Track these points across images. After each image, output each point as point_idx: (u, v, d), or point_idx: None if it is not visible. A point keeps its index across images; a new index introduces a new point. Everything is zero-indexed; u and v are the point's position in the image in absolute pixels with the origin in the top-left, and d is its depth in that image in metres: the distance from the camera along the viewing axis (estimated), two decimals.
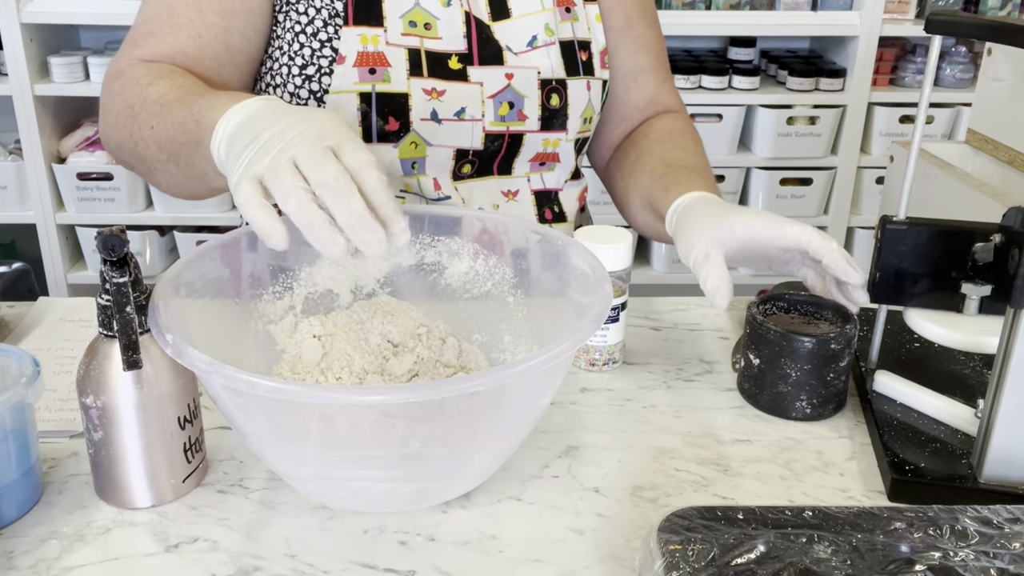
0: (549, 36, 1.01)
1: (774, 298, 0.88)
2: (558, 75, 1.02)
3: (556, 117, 1.03)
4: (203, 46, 0.93)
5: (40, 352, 0.91)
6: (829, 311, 0.85)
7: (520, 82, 1.00)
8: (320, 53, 0.95)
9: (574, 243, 0.79)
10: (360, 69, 0.94)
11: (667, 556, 0.56)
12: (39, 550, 0.65)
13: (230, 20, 0.94)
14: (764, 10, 2.45)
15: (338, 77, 0.94)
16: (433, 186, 1.00)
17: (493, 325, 0.83)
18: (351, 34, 0.94)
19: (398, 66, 0.95)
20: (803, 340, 0.79)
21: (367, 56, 0.94)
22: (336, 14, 0.94)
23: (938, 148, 1.73)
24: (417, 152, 0.98)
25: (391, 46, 0.95)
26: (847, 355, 0.80)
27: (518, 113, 1.00)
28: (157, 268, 2.49)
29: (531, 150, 1.03)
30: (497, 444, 0.68)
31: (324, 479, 0.67)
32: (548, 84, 1.01)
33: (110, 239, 0.62)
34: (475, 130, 0.99)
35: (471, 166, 1.02)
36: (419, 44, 0.96)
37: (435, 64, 0.96)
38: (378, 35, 0.94)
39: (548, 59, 1.01)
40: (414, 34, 0.96)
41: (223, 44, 0.94)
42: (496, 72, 0.98)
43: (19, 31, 2.24)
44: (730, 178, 2.51)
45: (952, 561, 0.56)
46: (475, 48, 0.98)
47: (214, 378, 0.60)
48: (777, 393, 0.82)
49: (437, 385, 0.62)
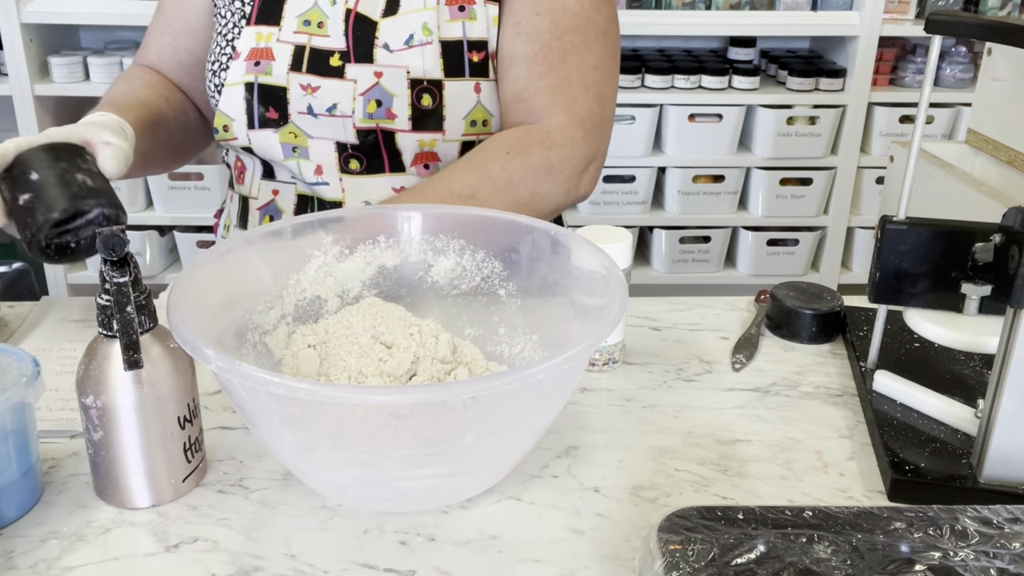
0: (426, 35, 1.00)
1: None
2: (431, 75, 1.00)
3: (429, 117, 1.01)
4: (162, 61, 1.13)
5: (41, 352, 0.91)
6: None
7: (389, 80, 1.00)
8: (224, 51, 1.05)
9: (574, 235, 0.79)
10: (248, 63, 1.03)
11: (667, 556, 0.56)
12: (39, 550, 0.65)
13: (178, 40, 1.12)
14: (764, 10, 2.45)
15: (232, 71, 1.03)
16: (314, 171, 1.05)
17: (485, 319, 0.84)
18: (250, 32, 1.03)
19: (281, 61, 1.02)
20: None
21: (257, 51, 1.03)
22: (243, 16, 1.04)
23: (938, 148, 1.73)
24: (298, 141, 1.04)
25: (280, 43, 1.02)
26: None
27: (387, 111, 1.00)
28: (157, 268, 2.49)
29: (409, 150, 1.03)
30: (535, 430, 0.71)
31: (371, 482, 0.68)
32: (419, 84, 1.00)
33: (110, 239, 0.62)
34: (346, 125, 1.02)
35: (358, 163, 1.04)
36: (306, 41, 1.02)
37: (316, 61, 1.01)
38: (272, 33, 1.03)
39: (422, 59, 1.00)
40: (305, 32, 1.02)
41: (175, 60, 1.12)
42: (367, 70, 1.00)
43: (19, 31, 2.24)
44: (730, 178, 2.51)
45: (952, 561, 0.56)
46: (351, 45, 1.01)
47: (272, 388, 0.59)
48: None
49: (498, 377, 0.62)
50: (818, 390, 0.88)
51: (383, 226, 0.84)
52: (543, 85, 0.99)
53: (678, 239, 2.55)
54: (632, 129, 2.42)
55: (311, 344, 0.77)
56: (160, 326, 0.68)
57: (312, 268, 0.81)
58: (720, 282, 2.60)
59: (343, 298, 0.83)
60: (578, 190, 1.01)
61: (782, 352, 0.95)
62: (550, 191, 0.99)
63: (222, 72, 1.04)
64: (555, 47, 0.99)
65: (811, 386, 0.89)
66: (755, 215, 2.55)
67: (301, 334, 0.78)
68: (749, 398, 0.87)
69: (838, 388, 0.88)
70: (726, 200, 2.53)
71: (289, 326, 0.79)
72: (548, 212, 1.01)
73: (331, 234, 0.82)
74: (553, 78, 0.99)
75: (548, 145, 0.98)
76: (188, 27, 1.11)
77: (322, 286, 0.82)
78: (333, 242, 0.82)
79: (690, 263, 2.58)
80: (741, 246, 2.58)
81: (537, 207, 0.99)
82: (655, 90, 2.42)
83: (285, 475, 0.74)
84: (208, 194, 2.42)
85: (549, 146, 0.98)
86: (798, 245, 2.57)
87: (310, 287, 0.81)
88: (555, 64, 0.99)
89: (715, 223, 2.55)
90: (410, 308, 0.82)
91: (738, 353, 0.93)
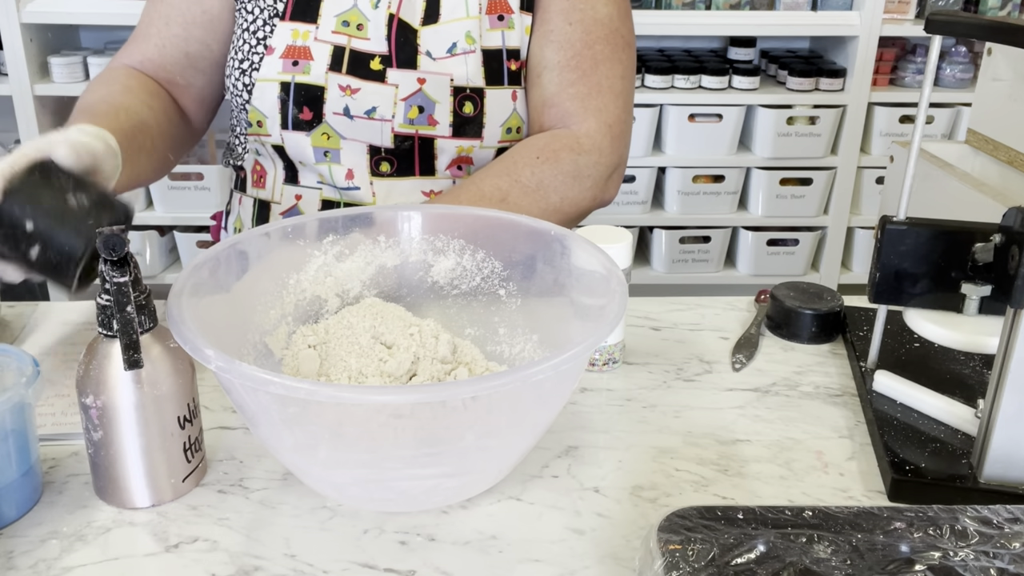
0: (470, 44, 1.01)
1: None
2: (474, 83, 1.02)
3: (469, 124, 1.02)
4: (166, 55, 1.07)
5: (43, 355, 0.91)
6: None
7: (432, 87, 1.01)
8: (255, 49, 1.03)
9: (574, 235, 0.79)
10: (284, 60, 1.01)
11: (667, 556, 0.56)
12: (39, 550, 0.65)
13: (190, 31, 1.07)
14: (764, 10, 2.45)
15: (265, 66, 1.01)
16: (345, 175, 1.04)
17: (486, 319, 0.84)
18: (285, 29, 1.01)
19: (320, 61, 1.01)
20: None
21: (294, 49, 1.01)
22: (276, 13, 1.02)
23: (938, 148, 1.73)
24: (330, 143, 1.03)
25: (318, 42, 1.01)
26: None
27: (428, 118, 1.01)
28: (157, 268, 2.49)
29: (447, 155, 1.04)
30: (535, 430, 0.71)
31: (371, 482, 0.68)
32: (461, 91, 1.01)
33: (110, 239, 0.62)
34: (384, 130, 1.02)
35: (389, 165, 1.04)
36: (346, 43, 1.01)
37: (356, 63, 1.01)
38: (309, 31, 1.01)
39: (465, 67, 1.01)
40: (344, 33, 1.01)
41: (183, 52, 1.07)
42: (410, 76, 1.01)
43: (19, 31, 2.24)
44: (730, 178, 2.51)
45: (952, 561, 0.56)
46: (394, 51, 1.01)
47: (272, 388, 0.59)
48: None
49: (498, 377, 0.62)
50: (818, 390, 0.88)
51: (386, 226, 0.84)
52: (574, 92, 1.03)
53: (678, 239, 2.55)
54: (632, 129, 2.42)
55: (311, 344, 0.77)
56: (160, 326, 0.68)
57: (312, 268, 0.81)
58: (720, 282, 2.60)
59: (343, 298, 0.83)
60: (604, 195, 1.05)
61: (782, 352, 0.95)
62: (578, 195, 1.01)
63: (253, 71, 1.02)
64: (586, 56, 1.03)
65: (811, 386, 0.89)
66: (755, 215, 2.55)
67: (301, 334, 0.78)
68: (749, 398, 0.87)
69: (838, 388, 0.88)
70: (726, 200, 2.53)
71: (289, 326, 0.79)
72: (575, 217, 1.03)
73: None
74: (584, 85, 1.03)
75: (577, 151, 1.01)
76: (207, 17, 1.06)
77: (322, 286, 0.82)
78: (333, 242, 0.82)
79: (690, 263, 2.58)
80: (741, 246, 2.58)
81: (566, 211, 1.01)
82: (655, 90, 2.42)
83: (285, 475, 0.74)
84: (208, 194, 2.42)
85: (578, 151, 1.01)
86: (798, 245, 2.57)
87: (310, 287, 0.81)
88: (586, 72, 1.03)
89: (715, 223, 2.55)
90: (410, 308, 0.82)
91: (738, 353, 0.93)
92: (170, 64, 1.07)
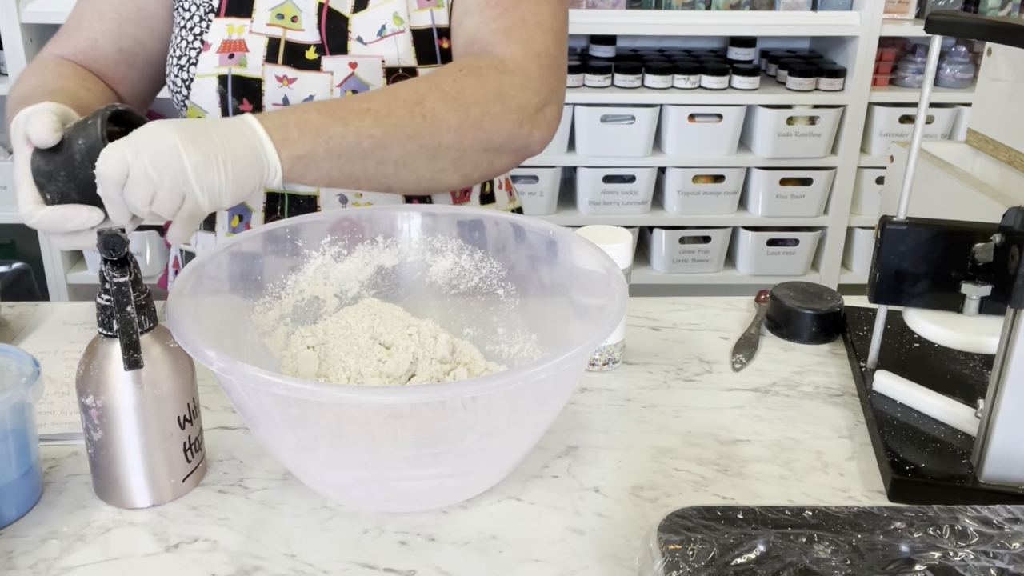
0: (398, 25, 1.02)
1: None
2: (406, 63, 1.02)
3: None
4: (97, 48, 1.06)
5: (44, 355, 0.91)
6: None
7: (364, 71, 1.02)
8: (192, 45, 1.04)
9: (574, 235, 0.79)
10: (221, 55, 1.02)
11: (667, 556, 0.56)
12: (39, 550, 0.65)
13: (123, 27, 1.07)
14: (764, 10, 2.45)
15: (202, 63, 1.02)
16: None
17: (484, 319, 0.84)
18: (220, 24, 1.03)
19: (256, 53, 1.02)
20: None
21: (229, 43, 1.02)
22: (211, 9, 1.03)
23: (938, 148, 1.73)
24: None
25: (253, 34, 1.02)
26: None
27: None
28: (157, 268, 2.49)
29: None
30: (535, 430, 0.71)
31: (372, 483, 0.68)
32: (394, 72, 1.02)
33: (110, 239, 0.62)
34: None
35: None
36: (281, 34, 1.02)
37: (292, 53, 1.02)
38: (244, 25, 1.02)
39: (396, 48, 1.02)
40: (279, 25, 1.03)
41: (115, 47, 1.06)
42: (342, 61, 1.02)
43: (19, 31, 2.23)
44: (730, 178, 2.51)
45: (952, 561, 0.56)
46: (325, 38, 1.02)
47: (273, 389, 0.59)
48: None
49: (498, 377, 0.62)
50: (818, 390, 0.88)
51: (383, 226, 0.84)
52: (496, 27, 0.98)
53: (678, 239, 2.55)
54: (632, 129, 2.42)
55: (310, 345, 0.77)
56: (160, 326, 0.68)
57: (310, 269, 0.81)
58: (720, 282, 2.60)
59: (341, 299, 0.83)
60: (532, 128, 0.95)
61: (782, 352, 0.95)
62: (501, 114, 0.92)
63: (191, 67, 1.03)
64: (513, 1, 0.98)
65: (811, 386, 0.89)
66: (755, 215, 2.55)
67: (300, 335, 0.78)
68: (749, 398, 0.87)
69: (838, 388, 0.88)
70: (726, 200, 2.53)
71: (288, 327, 0.79)
72: (500, 141, 0.94)
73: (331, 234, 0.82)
74: (507, 19, 0.98)
75: (501, 70, 0.94)
76: (141, 14, 1.07)
77: (320, 287, 0.82)
78: (331, 242, 0.82)
79: (690, 263, 2.58)
80: (741, 246, 2.58)
81: (488, 128, 0.92)
82: (655, 90, 2.42)
83: (285, 475, 0.74)
84: None
85: (502, 71, 0.94)
86: (798, 245, 2.57)
87: (308, 288, 0.81)
88: (508, 8, 0.98)
89: (715, 223, 2.55)
90: (409, 308, 0.82)
91: (738, 353, 0.93)
92: (102, 58, 1.06)
